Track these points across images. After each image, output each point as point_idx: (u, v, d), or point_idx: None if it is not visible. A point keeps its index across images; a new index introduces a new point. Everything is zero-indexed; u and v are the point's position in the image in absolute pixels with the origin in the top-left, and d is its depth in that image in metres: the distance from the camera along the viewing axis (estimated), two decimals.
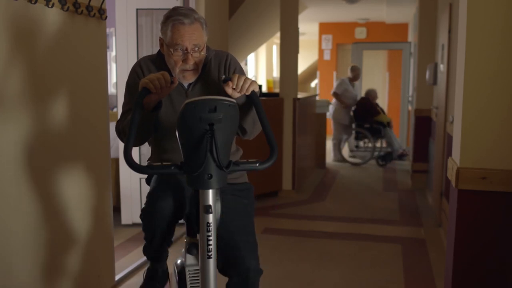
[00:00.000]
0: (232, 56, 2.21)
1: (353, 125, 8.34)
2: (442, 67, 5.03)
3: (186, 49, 2.01)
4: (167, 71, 2.08)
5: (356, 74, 8.38)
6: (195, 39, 2.02)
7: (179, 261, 2.35)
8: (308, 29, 11.85)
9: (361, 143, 8.63)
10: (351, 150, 8.80)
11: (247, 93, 1.92)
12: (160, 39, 2.12)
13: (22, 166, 2.34)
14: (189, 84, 2.14)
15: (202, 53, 2.06)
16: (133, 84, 2.12)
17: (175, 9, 2.07)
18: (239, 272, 2.01)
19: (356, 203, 5.87)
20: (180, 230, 4.33)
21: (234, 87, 1.90)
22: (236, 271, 2.02)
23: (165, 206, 2.10)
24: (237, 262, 2.01)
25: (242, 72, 2.14)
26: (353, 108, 8.30)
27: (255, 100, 1.92)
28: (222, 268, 2.05)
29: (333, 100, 8.49)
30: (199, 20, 2.05)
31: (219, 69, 2.15)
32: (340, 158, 8.49)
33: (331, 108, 8.57)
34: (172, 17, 2.03)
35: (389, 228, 4.88)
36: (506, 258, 2.19)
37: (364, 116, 8.23)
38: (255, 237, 2.14)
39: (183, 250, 2.30)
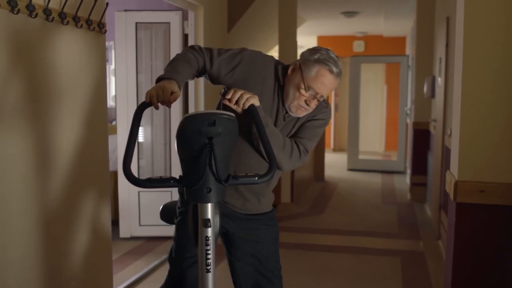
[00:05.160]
0: (328, 110, 2.19)
1: None
2: (440, 81, 5.05)
3: (316, 95, 2.02)
4: (279, 84, 2.08)
5: None
6: (328, 92, 2.04)
7: None
8: (306, 42, 11.90)
9: None
10: None
11: (244, 108, 1.92)
12: (297, 65, 2.06)
13: (20, 179, 2.33)
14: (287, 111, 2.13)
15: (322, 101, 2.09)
16: (237, 59, 2.07)
17: (327, 51, 2.03)
18: None
19: (355, 216, 5.86)
20: None
21: (228, 98, 1.92)
22: None
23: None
24: None
25: (311, 134, 2.14)
26: None
27: (254, 115, 1.91)
28: None
29: None
30: (340, 74, 2.04)
31: (311, 114, 2.14)
32: None
33: None
34: (325, 60, 2.00)
35: (388, 241, 4.87)
36: (505, 271, 2.18)
37: None
38: (280, 265, 2.25)
39: None
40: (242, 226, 2.17)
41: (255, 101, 1.92)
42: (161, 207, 2.32)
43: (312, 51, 2.04)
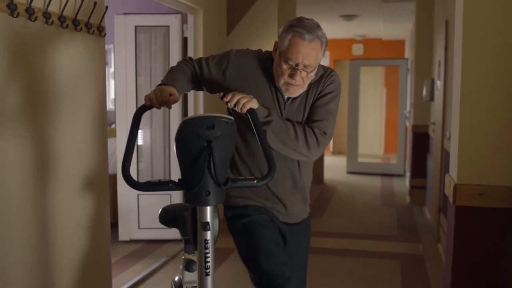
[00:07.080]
0: (333, 78, 2.10)
1: None
2: (439, 84, 5.06)
3: (297, 65, 1.93)
4: (271, 74, 2.03)
5: None
6: (308, 59, 1.92)
7: (176, 278, 2.34)
8: None
9: None
10: None
11: (242, 111, 1.91)
12: (276, 44, 2.01)
13: (20, 182, 2.33)
14: (288, 98, 2.07)
15: (312, 74, 1.98)
16: (224, 62, 2.06)
17: (300, 20, 1.96)
18: None
19: (354, 219, 5.86)
20: (177, 247, 4.31)
21: (225, 101, 1.91)
22: None
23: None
24: None
25: (323, 113, 2.06)
26: None
27: (252, 118, 1.90)
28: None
29: None
30: (320, 38, 1.95)
31: (317, 90, 2.08)
32: None
33: None
34: (295, 27, 1.92)
35: (388, 244, 4.87)
36: (505, 274, 2.18)
37: None
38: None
39: (180, 267, 2.29)
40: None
41: (253, 104, 1.91)
42: (160, 210, 2.32)
43: (286, 23, 2.00)
